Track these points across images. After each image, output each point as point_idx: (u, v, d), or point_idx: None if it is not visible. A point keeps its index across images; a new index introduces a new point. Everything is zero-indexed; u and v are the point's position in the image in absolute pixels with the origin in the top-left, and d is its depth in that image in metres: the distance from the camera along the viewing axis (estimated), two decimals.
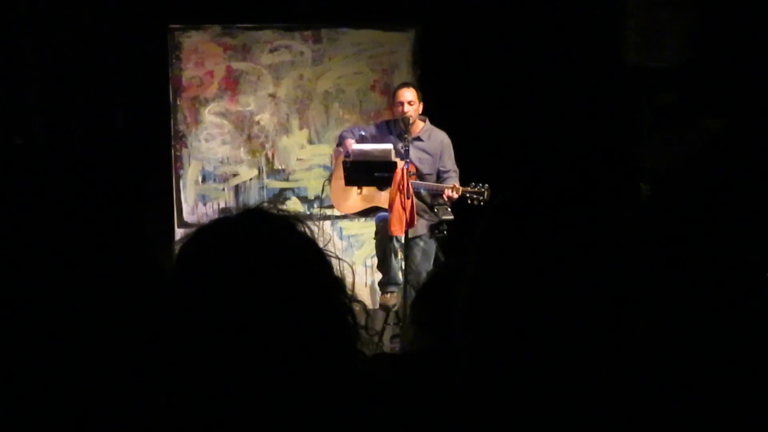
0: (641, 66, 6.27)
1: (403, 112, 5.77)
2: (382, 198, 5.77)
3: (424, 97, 5.91)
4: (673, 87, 6.08)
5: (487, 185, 5.48)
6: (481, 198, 5.46)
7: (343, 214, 6.39)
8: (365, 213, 6.11)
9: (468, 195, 5.49)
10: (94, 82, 6.44)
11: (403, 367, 1.63)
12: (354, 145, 5.71)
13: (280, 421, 1.24)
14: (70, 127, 6.41)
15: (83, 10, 6.40)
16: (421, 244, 5.75)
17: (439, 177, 5.88)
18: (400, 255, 5.95)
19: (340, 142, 6.02)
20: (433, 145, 5.89)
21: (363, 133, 5.96)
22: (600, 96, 6.52)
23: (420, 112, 5.88)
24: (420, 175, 5.76)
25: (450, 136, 5.97)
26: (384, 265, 5.88)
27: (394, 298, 5.80)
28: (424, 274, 5.54)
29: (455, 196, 5.53)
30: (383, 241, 5.81)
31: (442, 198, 5.62)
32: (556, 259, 1.21)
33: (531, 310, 1.21)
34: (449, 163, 5.90)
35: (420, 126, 5.93)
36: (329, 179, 6.21)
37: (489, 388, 1.23)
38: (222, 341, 1.24)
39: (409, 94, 5.82)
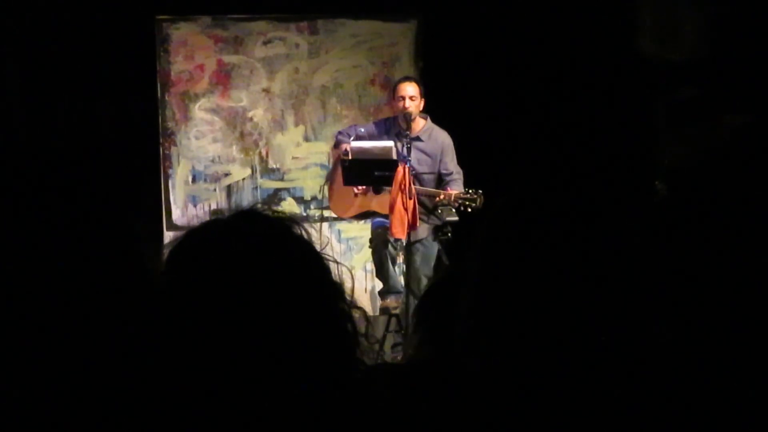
0: (657, 58, 6.27)
1: (404, 108, 5.75)
2: (377, 202, 5.78)
3: (426, 91, 5.90)
4: (692, 81, 6.08)
5: (480, 191, 5.49)
6: (474, 204, 5.46)
7: (341, 217, 6.39)
8: (364, 216, 6.11)
9: (460, 202, 5.49)
10: (78, 77, 6.44)
11: (405, 378, 1.64)
12: (353, 143, 5.70)
13: None
14: (52, 124, 6.41)
15: (65, 0, 6.41)
16: (421, 248, 5.76)
17: (442, 180, 5.86)
18: (399, 260, 5.96)
19: (336, 144, 6.02)
20: (433, 146, 5.88)
21: (362, 130, 5.96)
22: (613, 90, 6.52)
23: (421, 109, 5.86)
24: (417, 177, 5.74)
25: (454, 133, 5.97)
26: (382, 273, 5.89)
27: (395, 302, 5.82)
28: (424, 280, 5.55)
29: (445, 202, 5.56)
30: (378, 248, 5.82)
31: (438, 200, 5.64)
32: (563, 264, 1.22)
33: (537, 316, 1.21)
34: (452, 165, 5.88)
35: (420, 124, 5.91)
36: (327, 180, 6.22)
37: (494, 396, 1.23)
38: (214, 351, 1.25)
39: (411, 89, 5.80)
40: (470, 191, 5.52)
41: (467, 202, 5.49)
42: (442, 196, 5.58)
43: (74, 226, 1.29)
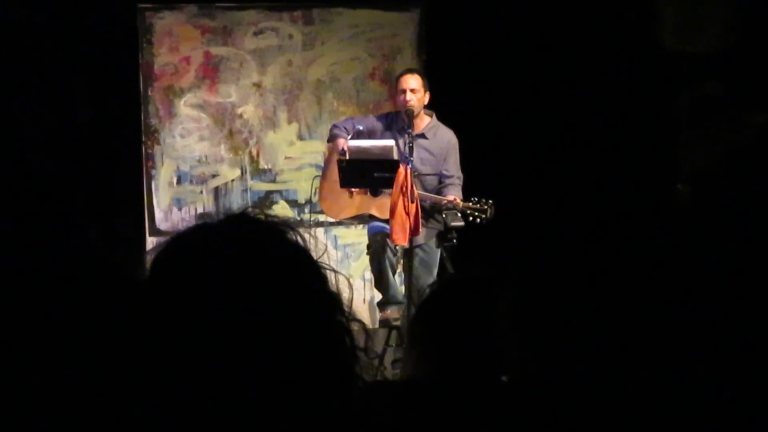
0: (680, 52, 6.27)
1: (405, 102, 5.74)
2: (376, 205, 5.77)
3: (429, 86, 5.89)
4: (716, 75, 6.08)
5: (490, 201, 5.48)
6: (484, 216, 5.46)
7: (334, 218, 6.38)
8: (359, 216, 6.09)
9: (470, 212, 5.49)
10: (54, 71, 6.44)
11: (405, 396, 1.64)
12: (351, 142, 5.70)
13: None
14: (26, 121, 6.41)
15: None
16: (420, 254, 5.75)
17: (441, 182, 5.86)
18: (399, 269, 5.95)
19: (332, 138, 6.00)
20: (438, 145, 5.88)
21: (360, 128, 5.95)
22: (632, 86, 6.52)
23: (425, 103, 5.86)
24: (420, 178, 5.72)
25: (459, 130, 5.96)
26: (381, 282, 5.87)
27: (395, 313, 5.81)
28: (424, 288, 5.54)
29: (450, 206, 5.55)
30: (377, 255, 5.79)
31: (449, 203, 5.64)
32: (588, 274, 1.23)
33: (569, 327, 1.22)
34: (453, 167, 5.88)
35: (426, 121, 5.91)
36: (321, 177, 6.21)
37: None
38: (202, 366, 1.25)
39: (412, 81, 5.79)
40: (480, 201, 5.51)
41: (477, 213, 5.49)
42: (445, 203, 5.57)
43: (50, 230, 1.29)
